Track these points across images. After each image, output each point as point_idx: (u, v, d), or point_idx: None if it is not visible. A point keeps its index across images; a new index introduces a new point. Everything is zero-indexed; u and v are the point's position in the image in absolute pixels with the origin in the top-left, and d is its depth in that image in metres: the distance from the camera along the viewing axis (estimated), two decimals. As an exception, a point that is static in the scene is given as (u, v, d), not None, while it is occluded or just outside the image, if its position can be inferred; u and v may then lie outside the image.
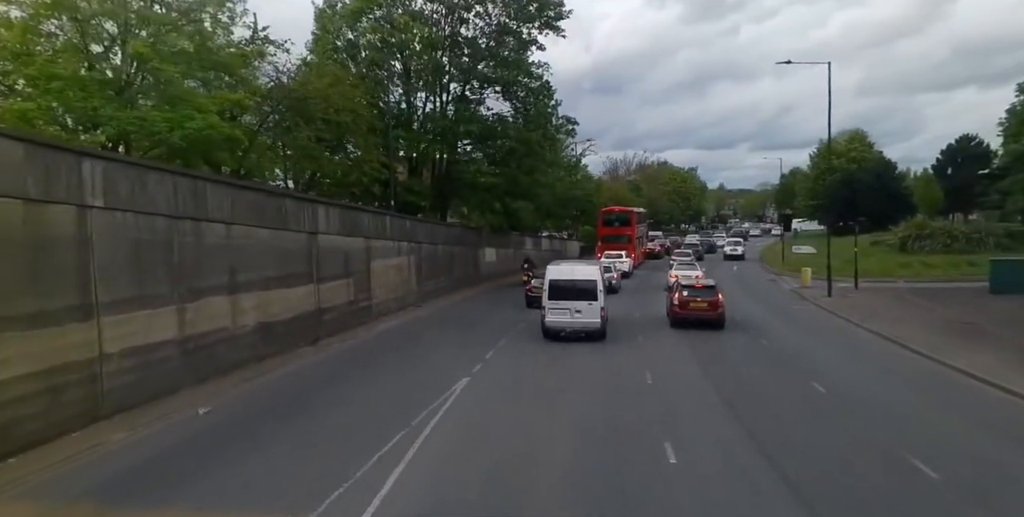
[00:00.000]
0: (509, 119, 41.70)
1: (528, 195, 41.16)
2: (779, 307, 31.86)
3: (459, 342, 22.94)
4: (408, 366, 18.96)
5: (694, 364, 18.83)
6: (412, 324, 26.92)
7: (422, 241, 32.49)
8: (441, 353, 20.83)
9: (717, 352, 20.71)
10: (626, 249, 51.48)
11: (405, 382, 16.78)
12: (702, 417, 13.44)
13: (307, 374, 17.80)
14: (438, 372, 17.73)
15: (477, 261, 41.45)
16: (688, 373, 17.66)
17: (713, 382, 16.53)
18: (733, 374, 17.43)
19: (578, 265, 25.31)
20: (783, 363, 18.90)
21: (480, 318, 28.65)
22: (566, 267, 24.57)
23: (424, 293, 32.54)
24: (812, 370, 17.69)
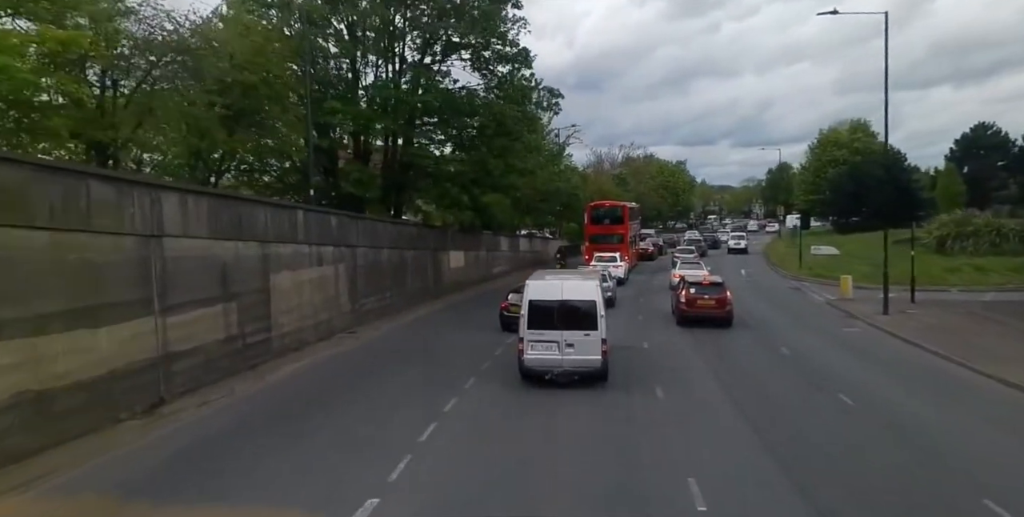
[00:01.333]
0: (479, 93, 33.82)
1: (500, 185, 33.23)
2: (827, 332, 24.27)
3: (399, 393, 15.42)
4: (302, 451, 11.21)
5: (765, 459, 10.98)
6: (333, 363, 18.99)
7: (359, 245, 24.53)
8: (365, 417, 13.39)
9: (802, 434, 12.79)
10: (619, 250, 43.79)
11: (289, 488, 9.12)
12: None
13: (103, 481, 9.89)
14: (349, 463, 10.40)
15: (439, 268, 33.54)
16: (758, 481, 9.88)
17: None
18: (841, 479, 9.68)
19: (570, 279, 17.70)
20: (925, 462, 11.06)
21: (438, 349, 20.89)
22: (553, 282, 17.02)
23: (361, 314, 24.59)
24: (985, 485, 9.99)
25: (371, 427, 12.77)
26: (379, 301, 26.22)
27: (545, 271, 19.67)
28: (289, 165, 31.30)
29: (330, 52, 30.59)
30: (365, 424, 13.01)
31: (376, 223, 26.25)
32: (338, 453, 11.23)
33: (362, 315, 24.66)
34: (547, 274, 18.61)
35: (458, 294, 34.86)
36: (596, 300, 16.25)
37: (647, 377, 17.06)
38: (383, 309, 26.56)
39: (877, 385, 16.14)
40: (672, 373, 17.57)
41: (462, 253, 36.70)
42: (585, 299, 16.29)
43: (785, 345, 21.22)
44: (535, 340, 16.16)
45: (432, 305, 30.75)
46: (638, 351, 20.25)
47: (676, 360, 19.24)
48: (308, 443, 11.84)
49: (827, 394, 15.09)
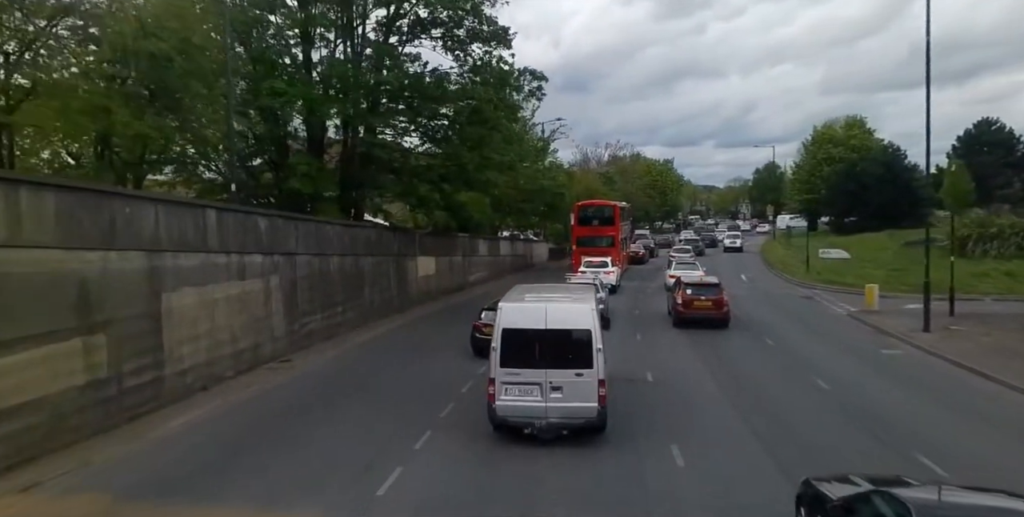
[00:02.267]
0: (451, 76, 29.50)
1: (476, 182, 28.87)
2: (864, 355, 20.20)
3: (321, 461, 11.17)
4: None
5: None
6: (248, 408, 14.58)
7: (300, 252, 20.17)
8: (265, 499, 9.24)
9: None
10: (610, 254, 39.49)
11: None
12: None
13: None
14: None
15: (405, 276, 29.19)
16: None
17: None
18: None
19: (556, 298, 13.66)
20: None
21: (390, 384, 16.59)
22: (534, 303, 13.00)
23: (302, 337, 20.22)
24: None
25: None
26: (327, 319, 21.85)
27: (525, 287, 15.47)
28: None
29: (275, 24, 26.11)
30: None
31: (323, 226, 21.85)
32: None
33: (303, 338, 20.29)
34: (527, 292, 14.38)
35: (427, 306, 30.51)
36: (591, 328, 12.13)
37: (657, 427, 12.98)
38: (332, 329, 22.20)
39: (974, 447, 11.98)
40: (689, 419, 13.47)
41: (432, 259, 32.37)
42: (577, 327, 12.21)
43: (820, 374, 17.13)
44: (511, 382, 12.09)
45: (395, 321, 26.38)
46: (641, 385, 16.12)
47: (691, 398, 15.09)
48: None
49: (915, 464, 10.87)
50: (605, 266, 35.91)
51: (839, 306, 30.27)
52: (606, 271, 35.14)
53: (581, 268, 36.04)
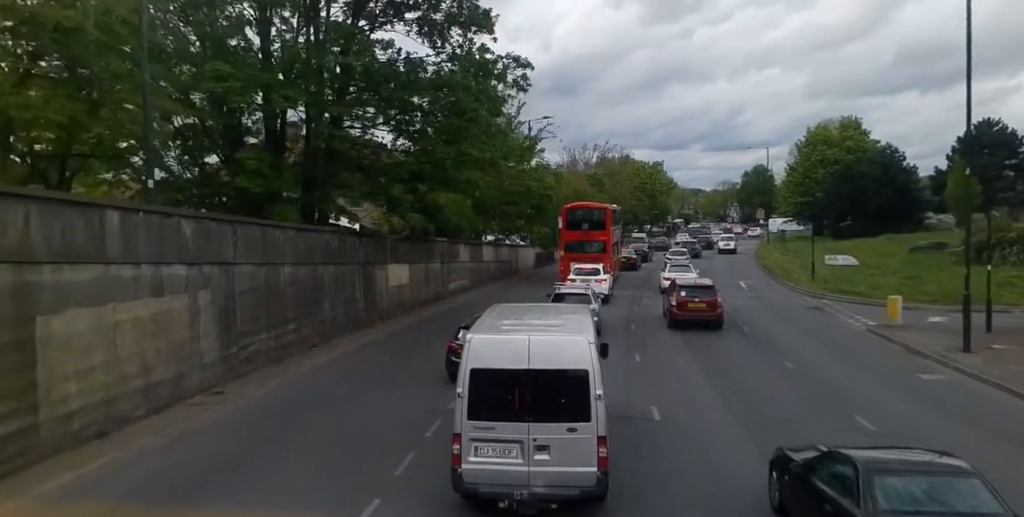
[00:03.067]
0: (427, 64, 26.41)
1: (454, 181, 25.72)
2: (900, 381, 17.32)
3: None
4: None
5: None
6: (148, 464, 11.33)
7: (239, 261, 16.97)
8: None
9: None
10: (601, 261, 36.48)
11: None
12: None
13: None
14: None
15: (373, 287, 26.00)
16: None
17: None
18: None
19: (542, 324, 10.75)
20: None
21: (342, 422, 13.50)
22: (511, 336, 9.93)
23: (240, 362, 17.02)
24: None
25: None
26: (274, 340, 18.66)
27: (504, 307, 12.44)
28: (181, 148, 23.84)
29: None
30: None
31: (271, 230, 18.64)
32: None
33: (243, 363, 17.10)
34: (505, 315, 11.36)
35: (400, 320, 27.35)
36: (589, 368, 9.17)
37: (671, 489, 9.94)
38: (282, 350, 19.02)
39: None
40: (712, 478, 10.48)
41: (406, 267, 29.21)
42: (571, 366, 9.25)
43: (860, 410, 14.22)
44: (482, 439, 9.12)
45: (360, 338, 23.21)
46: (645, 426, 13.17)
47: (710, 446, 12.10)
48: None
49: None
50: (597, 274, 32.97)
51: (854, 319, 27.45)
52: (598, 279, 32.23)
53: (570, 275, 33.11)
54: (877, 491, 6.98)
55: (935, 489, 7.13)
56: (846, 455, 7.80)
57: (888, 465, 7.61)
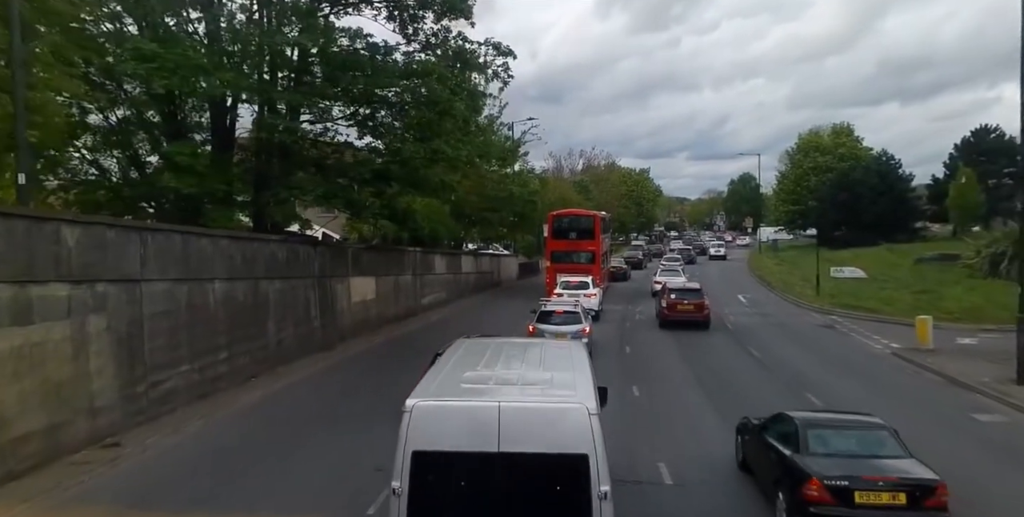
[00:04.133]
0: (398, 52, 23.27)
1: (423, 181, 22.51)
2: (953, 424, 14.39)
3: None
4: None
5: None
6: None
7: (148, 277, 13.70)
8: None
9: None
10: (590, 272, 33.69)
11: None
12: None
13: None
14: None
15: (333, 303, 22.76)
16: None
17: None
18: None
19: (516, 381, 7.48)
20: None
21: (264, 488, 10.23)
22: (472, 402, 6.76)
23: (151, 402, 13.70)
24: None
25: None
26: (199, 372, 15.38)
27: (470, 347, 9.38)
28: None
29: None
30: None
31: (195, 239, 15.37)
32: None
33: (155, 403, 13.82)
34: (469, 362, 8.30)
35: (363, 341, 24.11)
36: (590, 451, 6.15)
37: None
38: (210, 384, 15.74)
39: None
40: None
41: (372, 280, 25.98)
42: (562, 450, 6.23)
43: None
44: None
45: (313, 364, 19.95)
46: (655, 493, 10.11)
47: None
48: None
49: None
50: (585, 287, 30.03)
51: (873, 340, 24.60)
52: (587, 293, 29.29)
53: (557, 290, 30.13)
54: (811, 440, 9.04)
55: (854, 439, 9.20)
56: (790, 416, 9.93)
57: (820, 422, 9.80)
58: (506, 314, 30.15)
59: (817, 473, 8.41)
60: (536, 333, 20.18)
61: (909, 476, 8.42)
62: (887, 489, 8.22)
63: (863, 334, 25.72)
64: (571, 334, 19.96)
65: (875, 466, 8.60)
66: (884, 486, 8.23)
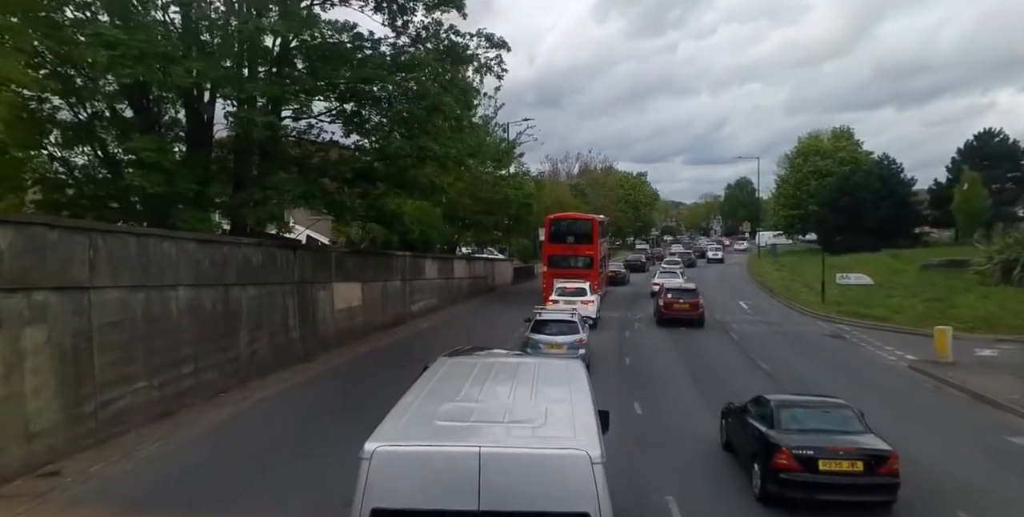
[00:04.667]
0: (385, 44, 21.97)
1: (411, 182, 21.18)
2: (986, 448, 13.04)
3: None
4: None
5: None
6: None
7: (98, 285, 12.31)
8: None
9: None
10: (588, 277, 32.44)
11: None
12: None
13: None
14: None
15: (314, 311, 21.39)
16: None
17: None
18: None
19: (501, 417, 6.08)
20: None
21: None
22: (441, 447, 5.23)
23: (100, 424, 12.29)
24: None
25: None
26: (159, 388, 13.98)
27: (451, 369, 8.11)
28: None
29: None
30: None
31: (155, 242, 13.98)
32: None
33: (105, 425, 12.41)
34: (446, 391, 6.99)
35: (349, 350, 22.72)
36: (592, 511, 4.81)
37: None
38: (172, 401, 14.34)
39: None
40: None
41: (357, 286, 24.60)
42: (559, 509, 4.81)
43: (949, 494, 9.99)
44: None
45: (290, 377, 18.55)
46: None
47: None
48: None
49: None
50: (583, 294, 28.70)
51: (885, 351, 23.32)
52: (584, 300, 27.95)
53: (552, 296, 28.80)
54: (783, 418, 10.41)
55: (821, 417, 10.55)
56: (766, 398, 11.20)
57: (792, 402, 11.10)
58: (500, 321, 28.80)
59: (786, 444, 9.69)
60: (530, 343, 18.94)
61: (866, 447, 9.64)
62: (847, 458, 9.47)
63: (874, 344, 24.43)
64: (567, 345, 18.76)
65: (837, 439, 9.83)
66: (844, 455, 9.48)
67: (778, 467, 9.51)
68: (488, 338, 25.11)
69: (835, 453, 9.45)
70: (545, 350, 18.20)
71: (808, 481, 9.34)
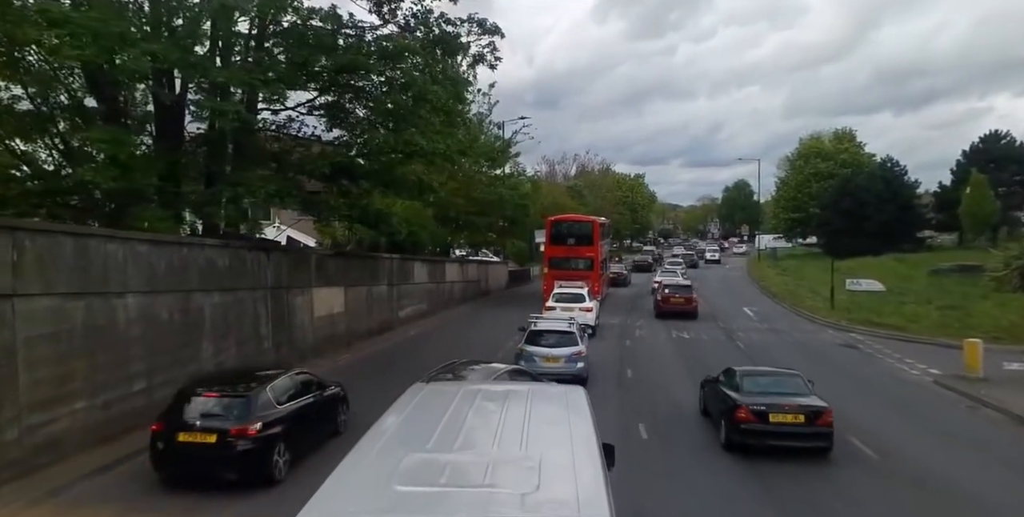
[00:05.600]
0: (368, 33, 20.34)
1: (397, 180, 19.55)
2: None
3: None
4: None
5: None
6: None
7: (23, 292, 10.67)
8: None
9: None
10: (588, 279, 31.59)
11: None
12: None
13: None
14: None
15: (290, 319, 19.73)
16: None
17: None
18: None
19: (479, 480, 4.38)
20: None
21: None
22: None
23: (21, 456, 10.63)
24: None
25: None
26: (103, 408, 12.32)
27: (422, 401, 6.58)
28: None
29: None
30: None
31: (98, 242, 12.26)
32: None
33: (31, 455, 10.75)
34: (415, 437, 5.40)
35: (328, 359, 21.04)
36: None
37: None
38: (118, 422, 12.66)
39: None
40: None
41: (340, 290, 22.95)
42: None
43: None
44: None
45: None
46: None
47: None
48: None
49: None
50: (581, 300, 27.12)
51: (905, 363, 21.77)
52: (583, 307, 26.46)
53: (549, 302, 27.30)
54: (746, 384, 12.99)
55: (775, 383, 13.20)
56: (734, 369, 13.87)
57: (754, 372, 13.88)
58: (493, 328, 27.24)
59: (745, 402, 12.28)
60: (524, 355, 17.50)
61: (806, 404, 12.24)
62: (791, 412, 12.08)
63: (892, 356, 22.87)
64: (565, 358, 17.40)
65: (786, 399, 12.39)
66: (789, 410, 12.10)
67: (739, 420, 12.20)
68: (480, 347, 23.53)
69: (782, 408, 12.11)
70: (540, 363, 16.89)
71: (760, 430, 12.04)
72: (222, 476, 10.26)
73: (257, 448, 10.26)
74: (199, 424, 10.21)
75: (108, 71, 16.17)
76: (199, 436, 10.10)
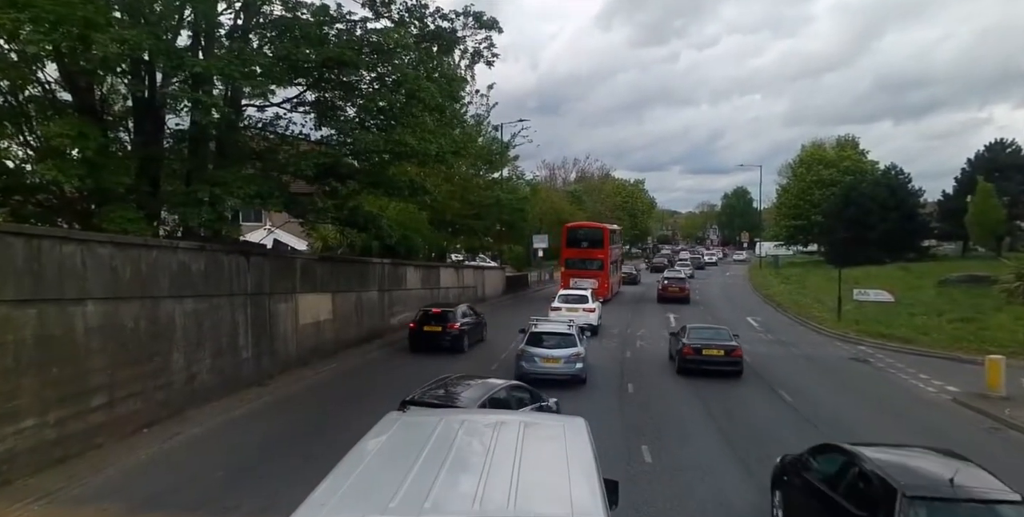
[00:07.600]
0: (355, 23, 19.32)
1: (384, 180, 18.48)
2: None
3: None
4: None
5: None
6: None
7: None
8: None
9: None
10: (598, 278, 38.45)
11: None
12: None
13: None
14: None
15: (273, 327, 18.63)
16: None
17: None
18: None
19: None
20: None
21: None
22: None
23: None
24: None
25: None
26: (57, 426, 11.22)
27: (402, 427, 5.69)
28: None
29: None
30: None
31: (53, 244, 11.17)
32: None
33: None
34: (388, 474, 4.38)
35: (313, 370, 19.96)
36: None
37: None
38: (76, 440, 11.57)
39: None
40: None
41: (328, 297, 21.85)
42: None
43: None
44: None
45: (237, 406, 15.75)
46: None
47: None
48: None
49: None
50: (584, 301, 28.50)
51: (920, 379, 20.69)
52: (586, 307, 28.01)
53: (555, 303, 28.70)
54: (691, 333, 20.59)
55: (711, 333, 20.92)
56: (687, 327, 21.74)
57: (698, 328, 21.40)
58: (489, 336, 26.19)
59: (687, 343, 19.79)
60: (525, 356, 17.94)
61: (725, 343, 19.96)
62: (715, 349, 19.70)
63: (905, 371, 21.79)
64: (564, 359, 17.75)
65: (714, 342, 20.09)
66: (714, 347, 19.75)
67: (684, 354, 19.71)
68: (474, 357, 22.50)
69: (710, 345, 19.75)
70: (541, 364, 17.66)
71: (696, 359, 19.53)
72: (443, 347, 22.44)
73: (457, 334, 22.83)
74: (432, 322, 22.87)
75: (77, 60, 15.17)
76: (434, 327, 22.79)
